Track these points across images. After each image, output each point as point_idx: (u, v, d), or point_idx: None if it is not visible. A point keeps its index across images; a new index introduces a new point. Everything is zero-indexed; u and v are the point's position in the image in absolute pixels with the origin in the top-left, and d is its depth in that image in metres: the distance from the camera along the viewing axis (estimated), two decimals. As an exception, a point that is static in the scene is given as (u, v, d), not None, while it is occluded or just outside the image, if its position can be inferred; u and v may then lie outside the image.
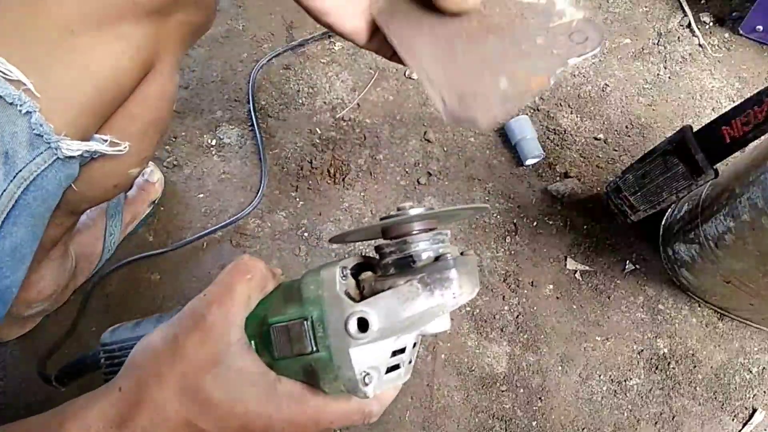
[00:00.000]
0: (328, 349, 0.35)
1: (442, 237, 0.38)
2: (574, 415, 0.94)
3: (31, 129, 0.48)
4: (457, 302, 0.35)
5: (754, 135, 0.72)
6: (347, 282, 0.37)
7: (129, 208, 0.99)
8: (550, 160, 1.13)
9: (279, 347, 0.37)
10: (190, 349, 0.37)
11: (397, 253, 0.37)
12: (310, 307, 0.36)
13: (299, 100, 1.16)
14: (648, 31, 1.27)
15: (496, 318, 1.00)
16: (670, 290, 1.03)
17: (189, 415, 0.37)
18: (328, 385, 0.36)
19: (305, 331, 0.36)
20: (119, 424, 0.37)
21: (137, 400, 0.37)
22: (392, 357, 0.36)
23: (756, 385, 0.97)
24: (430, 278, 0.35)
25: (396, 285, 0.35)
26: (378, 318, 0.34)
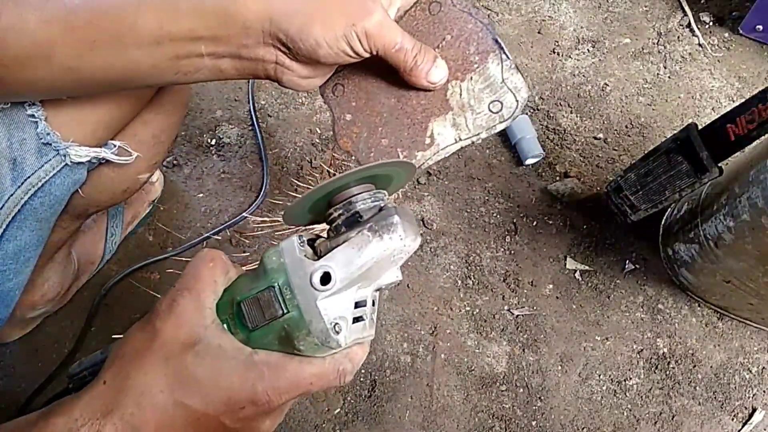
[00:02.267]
0: (297, 307, 0.38)
1: (381, 195, 0.43)
2: (573, 415, 0.94)
3: (39, 138, 0.49)
4: (404, 245, 0.39)
5: (758, 133, 0.72)
6: (305, 248, 0.40)
7: (129, 208, 0.99)
8: (550, 160, 1.13)
9: (252, 318, 0.40)
10: (168, 332, 0.39)
11: (344, 214, 0.42)
12: (275, 275, 0.39)
13: (299, 100, 1.16)
14: (648, 30, 1.27)
15: (496, 318, 1.00)
16: (670, 290, 1.03)
17: (176, 395, 0.38)
18: (302, 342, 0.39)
19: (275, 296, 0.39)
20: (105, 414, 0.37)
21: (121, 387, 0.38)
22: (356, 308, 0.40)
23: (756, 384, 0.97)
24: (377, 225, 0.39)
25: (349, 238, 0.39)
26: (338, 268, 0.38)
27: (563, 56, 1.23)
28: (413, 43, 0.46)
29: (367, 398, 0.94)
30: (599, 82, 1.21)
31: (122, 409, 0.37)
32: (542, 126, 1.16)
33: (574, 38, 1.25)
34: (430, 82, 0.48)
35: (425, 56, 0.47)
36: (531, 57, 1.23)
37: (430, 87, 0.49)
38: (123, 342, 0.41)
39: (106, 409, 0.38)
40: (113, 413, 0.37)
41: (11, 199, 0.50)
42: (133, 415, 0.37)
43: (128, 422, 0.37)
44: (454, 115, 0.51)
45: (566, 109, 1.18)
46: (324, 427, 0.92)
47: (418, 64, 0.47)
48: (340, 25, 0.44)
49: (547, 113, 1.17)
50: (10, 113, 0.48)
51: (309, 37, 0.44)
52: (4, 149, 0.49)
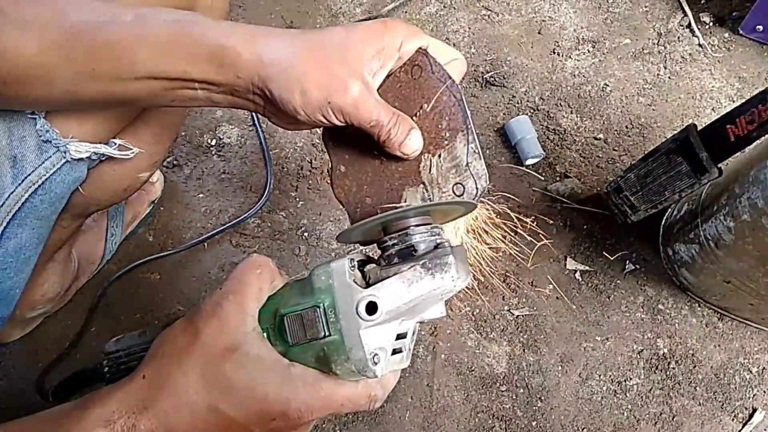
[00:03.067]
0: (339, 332, 0.38)
1: (438, 230, 0.43)
2: (574, 415, 0.94)
3: (38, 135, 0.49)
4: (455, 286, 0.39)
5: (758, 133, 0.72)
6: (355, 273, 0.40)
7: (129, 208, 0.99)
8: (550, 160, 1.13)
9: (293, 334, 0.40)
10: (210, 336, 0.39)
11: (399, 245, 0.41)
12: (321, 296, 0.39)
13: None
14: (648, 31, 1.27)
15: (496, 318, 1.00)
16: (670, 290, 1.03)
17: (211, 399, 0.38)
18: (339, 367, 0.39)
19: (318, 317, 0.39)
20: (142, 410, 0.38)
21: (160, 385, 0.39)
22: (397, 340, 0.40)
23: (756, 385, 0.97)
24: (432, 263, 0.39)
25: (401, 271, 0.39)
26: (386, 301, 0.38)
27: (563, 56, 1.23)
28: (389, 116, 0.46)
29: (367, 398, 0.94)
30: (599, 82, 1.21)
31: (158, 407, 0.38)
32: (542, 126, 1.16)
33: (575, 39, 1.25)
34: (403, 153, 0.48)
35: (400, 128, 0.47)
36: (531, 57, 1.23)
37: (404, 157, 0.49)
38: (165, 339, 0.41)
39: (142, 404, 0.38)
40: (149, 410, 0.38)
41: (11, 197, 0.50)
42: (167, 414, 0.38)
43: (162, 420, 0.38)
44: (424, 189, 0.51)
45: (566, 110, 1.18)
46: (324, 427, 0.92)
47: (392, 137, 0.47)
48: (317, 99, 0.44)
49: (547, 113, 1.17)
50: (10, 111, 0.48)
51: (288, 104, 0.44)
52: (4, 147, 0.49)
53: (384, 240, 0.42)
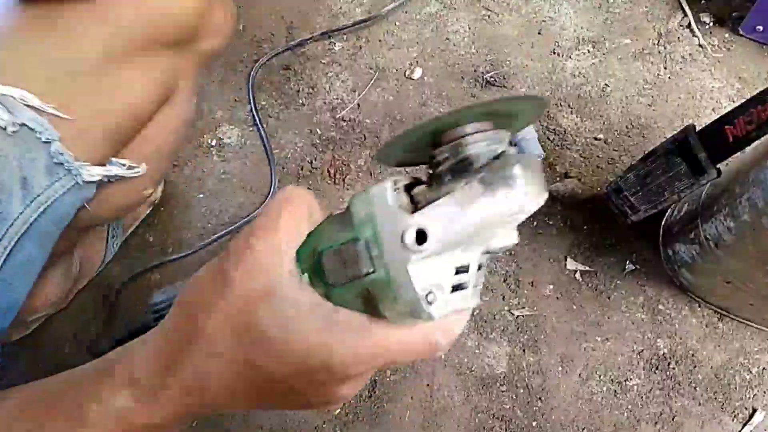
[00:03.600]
0: (385, 268, 0.32)
1: (501, 137, 0.34)
2: (574, 416, 0.94)
3: (51, 157, 0.49)
4: (523, 205, 0.31)
5: (757, 134, 0.72)
6: (400, 197, 0.33)
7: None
8: (550, 160, 1.13)
9: (332, 274, 0.34)
10: (240, 281, 0.34)
11: (451, 159, 0.33)
12: (362, 227, 0.33)
13: (299, 100, 1.16)
14: (648, 31, 1.27)
15: (496, 318, 1.00)
16: (670, 290, 1.03)
17: (244, 352, 0.34)
18: (389, 309, 0.33)
19: (359, 252, 0.32)
20: (168, 365, 0.34)
21: (188, 338, 0.34)
22: (456, 274, 0.33)
23: (756, 385, 0.97)
24: (491, 177, 0.30)
25: (453, 190, 0.31)
26: (436, 227, 0.31)
27: (563, 57, 1.23)
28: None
29: (368, 399, 0.94)
30: (599, 82, 1.21)
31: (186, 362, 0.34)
32: (542, 126, 1.16)
33: (575, 39, 1.25)
34: None
35: None
36: (531, 57, 1.23)
37: None
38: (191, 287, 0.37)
39: (169, 359, 0.35)
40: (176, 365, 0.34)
41: (20, 218, 0.50)
42: (197, 369, 0.34)
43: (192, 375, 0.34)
44: None
45: (566, 110, 1.18)
46: (324, 427, 0.92)
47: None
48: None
49: (547, 114, 1.17)
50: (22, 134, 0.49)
51: None
52: (15, 168, 0.49)
53: (433, 155, 0.34)
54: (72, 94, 0.50)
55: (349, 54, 1.22)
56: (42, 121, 0.48)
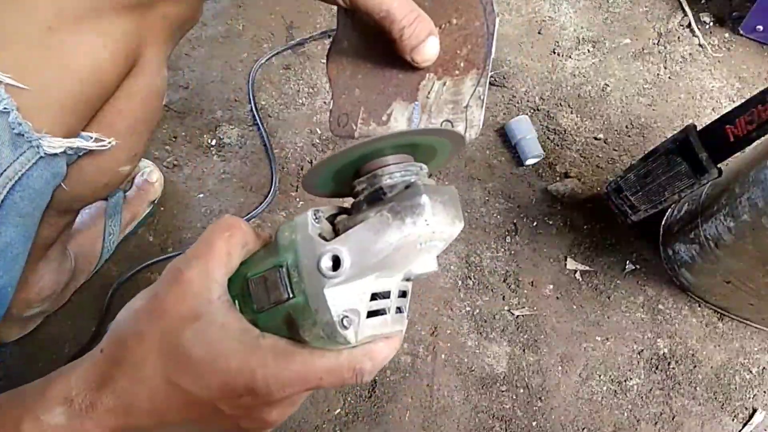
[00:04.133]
0: (303, 293, 0.34)
1: (416, 168, 0.36)
2: (574, 415, 0.94)
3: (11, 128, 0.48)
4: (432, 232, 0.33)
5: (758, 134, 0.72)
6: (321, 225, 0.35)
7: (128, 207, 0.99)
8: (550, 160, 1.13)
9: (257, 298, 0.36)
10: (170, 305, 0.35)
11: (368, 189, 0.36)
12: (285, 254, 0.35)
13: (299, 100, 1.16)
14: (648, 31, 1.27)
15: (496, 318, 1.00)
16: (670, 290, 1.03)
17: (168, 373, 0.35)
18: (308, 333, 0.34)
19: (281, 278, 0.35)
20: (99, 385, 0.35)
21: (117, 360, 0.36)
22: (372, 300, 0.35)
23: (756, 385, 0.97)
24: (400, 206, 0.33)
25: (367, 218, 0.33)
26: (350, 253, 0.33)
27: (563, 56, 1.23)
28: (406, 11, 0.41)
29: (368, 399, 0.94)
30: (599, 82, 1.21)
31: (116, 383, 0.35)
32: (542, 126, 1.16)
33: (575, 38, 1.25)
34: (413, 59, 0.43)
35: (416, 29, 0.42)
36: (531, 57, 1.23)
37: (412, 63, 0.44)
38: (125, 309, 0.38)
39: (100, 380, 0.36)
40: (107, 386, 0.35)
41: None
42: (125, 391, 0.35)
43: (121, 397, 0.35)
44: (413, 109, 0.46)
45: (566, 110, 1.18)
46: (324, 427, 0.92)
47: (404, 38, 0.41)
48: None
49: (547, 113, 1.17)
50: None
51: None
52: None
53: (353, 185, 0.37)
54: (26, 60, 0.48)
55: (349, 54, 1.21)
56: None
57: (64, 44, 0.50)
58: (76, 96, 0.52)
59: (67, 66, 0.50)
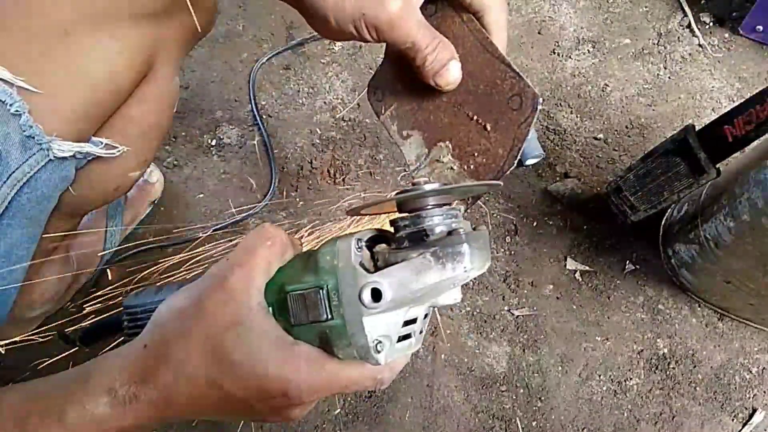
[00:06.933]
0: (342, 317, 0.37)
1: (455, 212, 0.39)
2: (574, 415, 0.94)
3: (22, 130, 0.48)
4: (468, 276, 0.36)
5: (756, 134, 0.72)
6: (362, 253, 0.38)
7: (129, 208, 0.99)
8: (550, 160, 1.13)
9: (295, 314, 0.38)
10: (213, 308, 0.38)
11: (411, 227, 0.39)
12: (325, 277, 0.38)
13: (299, 100, 1.16)
14: (648, 31, 1.27)
15: (497, 318, 1.00)
16: (670, 290, 1.03)
17: (210, 373, 0.38)
18: (341, 351, 0.38)
19: (321, 300, 0.37)
20: (143, 379, 0.38)
21: (161, 356, 0.38)
22: (404, 327, 0.38)
23: (756, 385, 0.97)
24: (443, 252, 0.36)
25: (409, 257, 0.36)
26: (391, 289, 0.36)
27: (563, 57, 1.23)
28: (428, 41, 0.44)
29: (368, 399, 0.94)
30: (599, 82, 1.21)
31: (159, 378, 0.38)
32: (542, 126, 1.16)
33: (575, 39, 1.25)
34: (437, 83, 0.46)
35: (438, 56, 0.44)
36: (531, 57, 1.23)
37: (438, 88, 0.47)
38: (167, 307, 0.40)
39: (144, 374, 0.38)
40: (150, 381, 0.38)
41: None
42: (168, 386, 0.38)
43: (163, 392, 0.38)
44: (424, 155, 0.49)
45: (566, 110, 1.18)
46: (324, 427, 0.92)
47: (427, 65, 0.44)
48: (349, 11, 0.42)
49: (547, 113, 1.17)
50: None
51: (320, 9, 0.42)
52: None
53: (396, 220, 0.40)
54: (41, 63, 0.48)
55: (349, 54, 1.22)
56: (11, 92, 0.46)
57: (80, 48, 0.50)
58: (88, 100, 0.53)
59: (82, 70, 0.51)
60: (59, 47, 0.49)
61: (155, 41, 0.56)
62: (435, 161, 0.50)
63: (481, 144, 0.48)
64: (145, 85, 0.58)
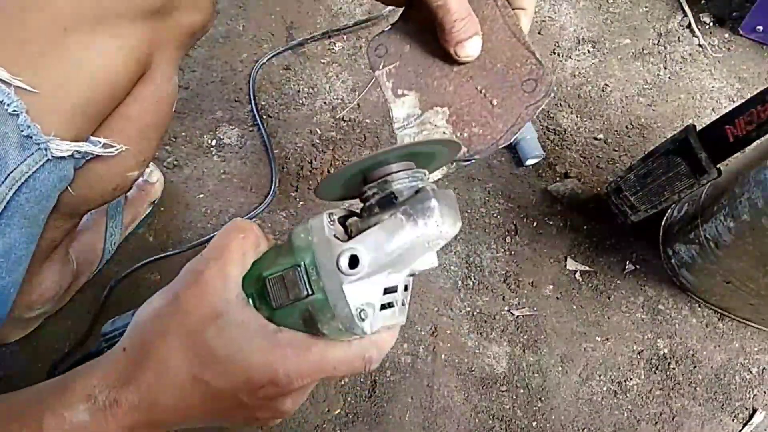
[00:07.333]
0: (322, 290, 0.37)
1: (420, 175, 0.40)
2: (574, 416, 0.94)
3: (20, 130, 0.48)
4: (440, 232, 0.37)
5: (757, 134, 0.72)
6: (335, 227, 0.39)
7: (129, 208, 0.99)
8: (550, 160, 1.13)
9: (276, 296, 0.38)
10: (191, 304, 0.37)
11: (379, 193, 0.39)
12: (301, 254, 0.38)
13: (299, 100, 1.16)
14: (648, 31, 1.27)
15: (497, 318, 1.00)
16: (670, 290, 1.03)
17: (194, 370, 0.37)
18: (326, 326, 0.37)
19: (300, 277, 0.37)
20: (124, 383, 0.37)
21: (142, 358, 0.37)
22: (385, 294, 0.38)
23: (756, 385, 0.97)
24: (413, 209, 0.36)
25: (381, 220, 0.37)
26: (367, 252, 0.36)
27: (563, 57, 1.23)
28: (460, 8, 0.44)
29: (368, 399, 0.94)
30: (599, 82, 1.21)
31: (140, 380, 0.37)
32: (542, 126, 1.16)
33: (575, 39, 1.25)
34: (456, 53, 0.46)
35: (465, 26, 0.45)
36: (531, 57, 1.23)
37: (454, 57, 0.47)
38: (144, 310, 0.40)
39: (124, 378, 0.37)
40: (130, 383, 0.37)
41: None
42: (150, 387, 0.37)
43: (145, 394, 0.37)
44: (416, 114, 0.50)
45: (566, 110, 1.18)
46: (324, 427, 0.92)
47: (453, 31, 0.45)
48: None
49: (547, 114, 1.17)
50: None
51: None
52: None
53: (363, 191, 0.40)
54: (40, 61, 0.48)
55: (349, 54, 1.22)
56: (8, 92, 0.46)
57: (79, 46, 0.50)
58: (87, 99, 0.52)
59: (80, 68, 0.51)
60: (58, 45, 0.49)
61: (153, 40, 0.56)
62: (427, 123, 0.50)
63: (482, 116, 0.49)
64: (143, 84, 0.58)
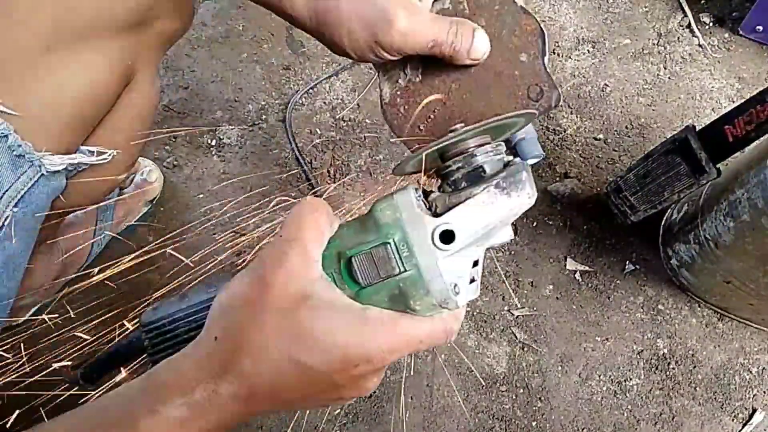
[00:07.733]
0: (416, 266, 0.37)
1: (502, 148, 0.41)
2: (574, 416, 0.94)
3: (11, 150, 0.48)
4: (530, 203, 0.38)
5: (756, 134, 0.72)
6: (422, 203, 0.38)
7: (122, 204, 0.99)
8: (550, 160, 1.13)
9: (364, 275, 0.38)
10: (280, 287, 0.37)
11: (465, 167, 0.40)
12: (390, 230, 0.37)
13: (299, 101, 1.16)
14: (648, 31, 1.27)
15: (496, 318, 1.00)
16: (670, 290, 1.03)
17: (292, 352, 0.36)
18: (419, 302, 0.37)
19: (391, 253, 0.37)
20: (222, 372, 0.36)
21: (237, 345, 0.36)
22: (473, 267, 0.39)
23: (756, 385, 0.97)
24: (506, 182, 0.37)
25: (473, 194, 0.37)
26: (462, 228, 0.36)
27: (563, 57, 1.23)
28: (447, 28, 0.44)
29: (368, 399, 0.94)
30: (599, 82, 1.21)
31: (238, 368, 0.36)
32: (542, 126, 1.16)
33: (574, 39, 1.25)
34: (474, 59, 0.47)
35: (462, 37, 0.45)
36: (531, 57, 1.23)
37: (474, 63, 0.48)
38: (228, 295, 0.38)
39: (221, 366, 0.36)
40: (228, 372, 0.36)
41: None
42: (248, 374, 0.36)
43: (244, 381, 0.36)
44: None
45: (566, 110, 1.18)
46: (324, 427, 0.92)
47: (457, 49, 0.45)
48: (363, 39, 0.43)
49: (547, 114, 1.17)
50: None
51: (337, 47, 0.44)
52: None
53: (446, 166, 0.40)
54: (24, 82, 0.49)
55: (349, 54, 1.22)
56: None
57: (63, 63, 0.50)
58: (75, 114, 0.53)
59: (66, 85, 0.51)
60: (42, 64, 0.49)
61: (136, 50, 0.56)
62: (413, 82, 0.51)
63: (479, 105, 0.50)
64: (128, 93, 0.59)
